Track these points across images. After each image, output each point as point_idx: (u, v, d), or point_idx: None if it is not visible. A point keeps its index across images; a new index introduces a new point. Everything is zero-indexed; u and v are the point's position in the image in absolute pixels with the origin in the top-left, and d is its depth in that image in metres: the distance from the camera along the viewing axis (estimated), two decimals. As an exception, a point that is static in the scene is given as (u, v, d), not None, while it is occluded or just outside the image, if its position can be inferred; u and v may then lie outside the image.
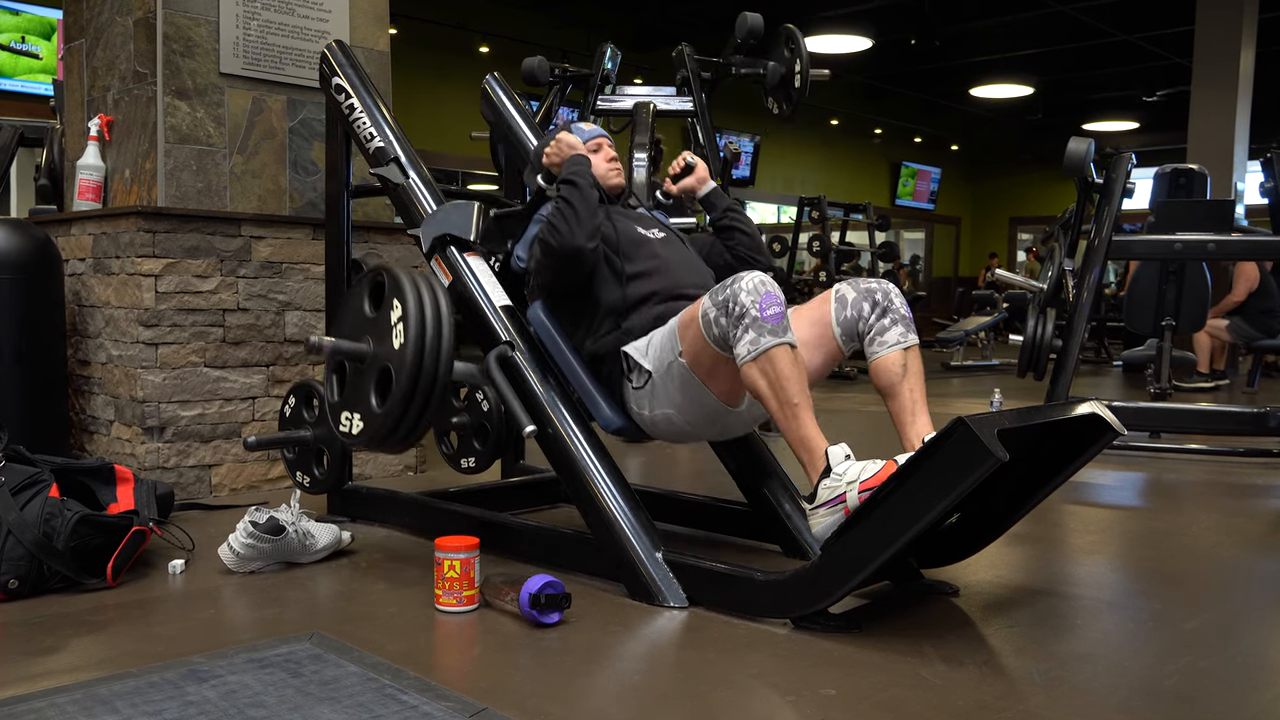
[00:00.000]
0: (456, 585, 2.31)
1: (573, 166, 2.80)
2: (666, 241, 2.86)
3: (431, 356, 2.50)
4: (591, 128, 3.04)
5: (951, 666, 2.01)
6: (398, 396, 2.49)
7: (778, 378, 2.28)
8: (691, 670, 2.00)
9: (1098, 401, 2.37)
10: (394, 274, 2.60)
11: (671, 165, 3.05)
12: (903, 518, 2.04)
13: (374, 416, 2.55)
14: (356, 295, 2.71)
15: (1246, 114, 10.15)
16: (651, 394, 2.61)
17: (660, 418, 2.64)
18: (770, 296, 2.31)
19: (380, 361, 2.56)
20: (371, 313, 2.64)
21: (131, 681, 1.86)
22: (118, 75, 3.61)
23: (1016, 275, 6.92)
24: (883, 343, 2.46)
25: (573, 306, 2.78)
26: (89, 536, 2.44)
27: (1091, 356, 11.19)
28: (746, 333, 2.30)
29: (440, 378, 2.53)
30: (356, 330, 2.66)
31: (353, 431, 2.62)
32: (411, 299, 2.52)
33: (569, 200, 2.69)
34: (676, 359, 2.51)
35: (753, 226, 3.03)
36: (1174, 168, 5.55)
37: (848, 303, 2.53)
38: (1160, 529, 3.42)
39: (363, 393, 2.59)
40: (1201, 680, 1.99)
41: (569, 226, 2.64)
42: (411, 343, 2.48)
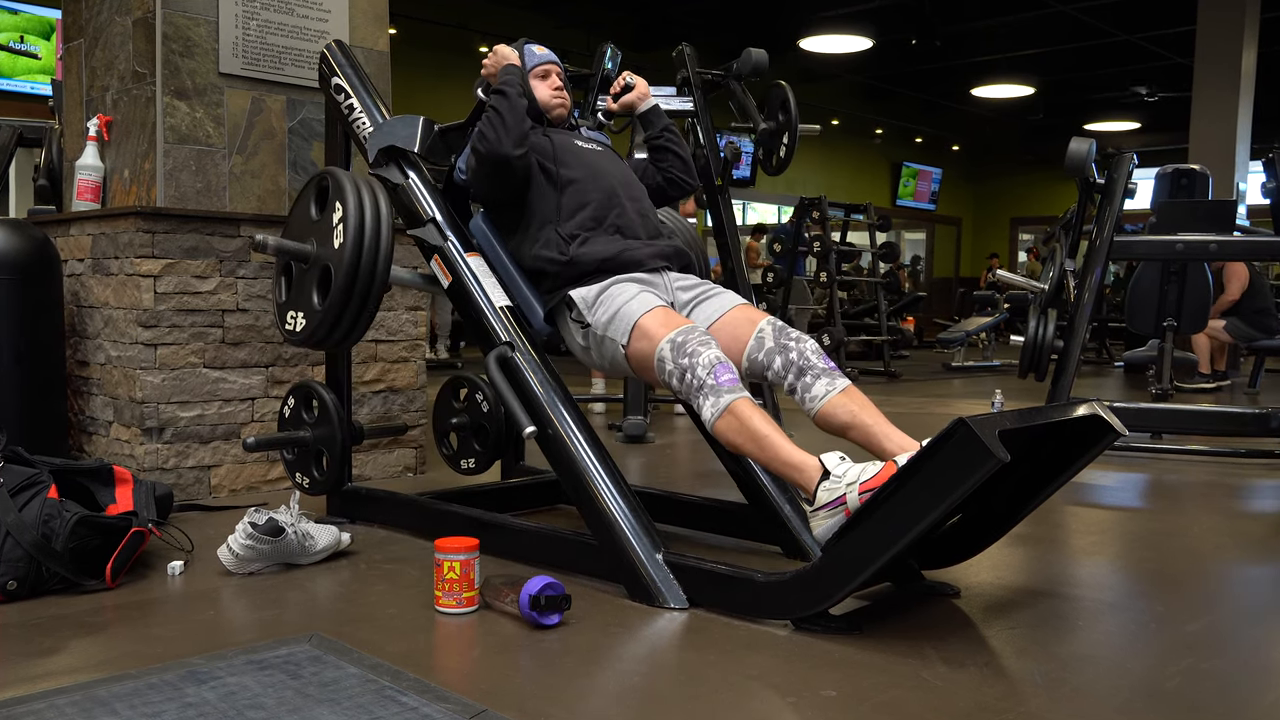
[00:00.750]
0: (456, 586, 2.31)
1: (504, 76, 2.88)
2: (602, 154, 2.98)
3: (370, 255, 2.66)
4: (543, 51, 3.10)
5: (952, 668, 2.01)
6: (336, 293, 2.66)
7: (743, 422, 2.38)
8: (692, 672, 2.00)
9: (1099, 402, 2.37)
10: (337, 176, 2.75)
11: (614, 83, 3.16)
12: (903, 519, 2.04)
13: (314, 313, 2.73)
14: (304, 199, 2.84)
15: (1248, 114, 10.14)
16: (584, 337, 2.74)
17: (581, 352, 2.80)
18: (723, 367, 2.43)
19: (322, 261, 2.71)
20: (317, 215, 2.78)
21: (130, 683, 1.86)
22: (117, 75, 3.61)
23: (1017, 276, 6.92)
24: (814, 397, 2.50)
25: (512, 215, 2.89)
26: (88, 538, 2.44)
27: (1093, 357, 11.18)
28: (707, 399, 2.41)
29: (378, 276, 2.69)
30: (302, 232, 2.81)
31: (296, 329, 2.79)
32: (352, 200, 2.67)
33: (497, 109, 2.78)
34: (620, 347, 2.64)
35: (685, 149, 3.18)
36: (1175, 168, 5.54)
37: (763, 347, 2.61)
38: (1162, 530, 3.42)
39: (306, 291, 2.76)
40: (1203, 682, 1.98)
41: (496, 134, 2.74)
42: (350, 241, 2.64)
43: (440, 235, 2.93)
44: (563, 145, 2.91)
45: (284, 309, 2.83)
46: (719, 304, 2.75)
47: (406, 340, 4.02)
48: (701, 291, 2.81)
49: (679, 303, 2.78)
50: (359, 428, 3.26)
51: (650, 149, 3.12)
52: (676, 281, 2.82)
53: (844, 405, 2.46)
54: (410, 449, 4.04)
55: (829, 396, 2.47)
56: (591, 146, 2.99)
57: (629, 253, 2.77)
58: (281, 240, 2.77)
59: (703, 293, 2.80)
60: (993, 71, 14.68)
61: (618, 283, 2.70)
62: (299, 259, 2.79)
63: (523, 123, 2.79)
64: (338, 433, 3.11)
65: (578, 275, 2.74)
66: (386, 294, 3.67)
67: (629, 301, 2.64)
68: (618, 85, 3.15)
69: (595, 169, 2.89)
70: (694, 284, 2.84)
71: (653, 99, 3.16)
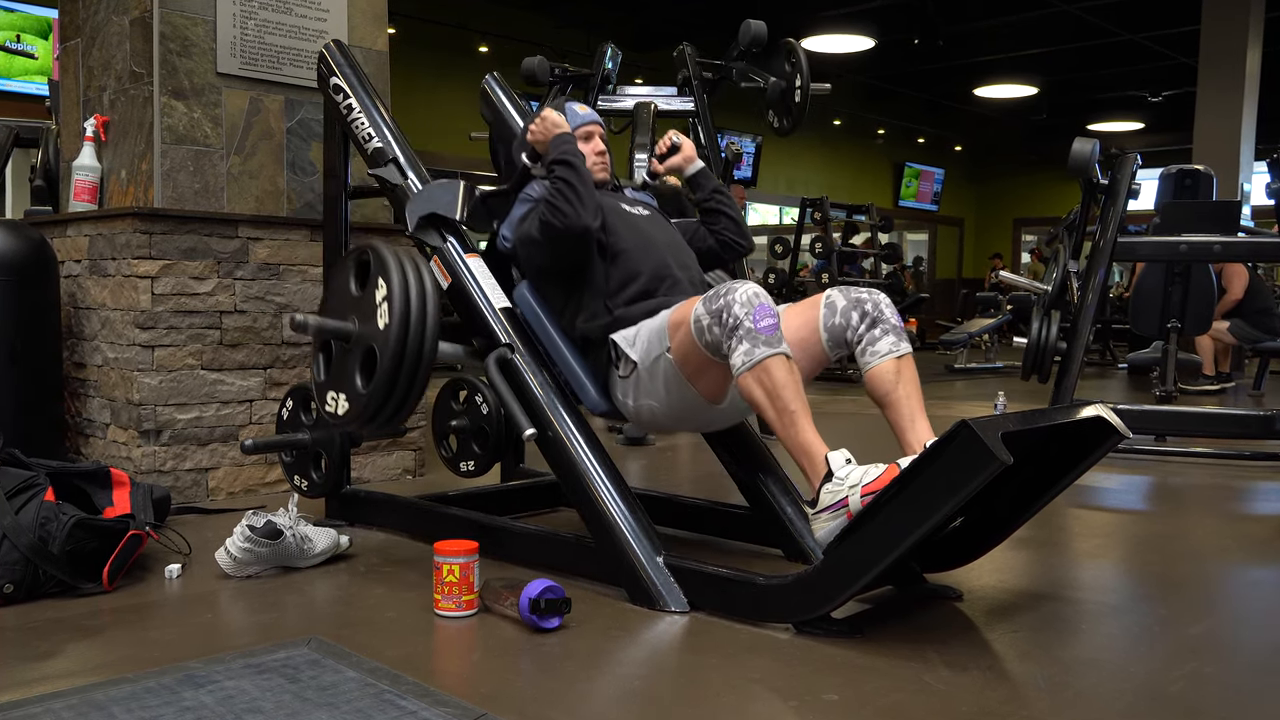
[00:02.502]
0: (456, 590, 2.30)
1: (562, 145, 2.77)
2: (651, 220, 2.89)
3: (416, 336, 2.51)
4: (586, 111, 3.02)
5: (955, 672, 2.00)
6: (382, 377, 2.50)
7: (774, 387, 2.29)
8: (693, 675, 1.99)
9: (1103, 404, 2.36)
10: (379, 252, 2.59)
11: (659, 144, 3.05)
12: (905, 522, 2.03)
13: (359, 397, 2.56)
14: (342, 273, 2.71)
15: (1253, 114, 10.13)
16: (636, 384, 2.62)
17: (644, 408, 2.65)
18: (764, 309, 2.32)
19: (365, 341, 2.57)
20: (357, 291, 2.64)
21: (128, 687, 1.85)
22: (114, 75, 3.60)
23: (1020, 277, 6.90)
24: (875, 353, 2.46)
25: (560, 286, 2.78)
26: (85, 540, 2.43)
27: (1096, 359, 11.16)
28: (741, 344, 2.31)
29: (425, 358, 2.53)
30: (342, 309, 2.66)
31: (338, 412, 2.63)
32: (396, 278, 2.52)
33: (567, 180, 2.67)
34: (664, 354, 2.53)
35: (738, 210, 3.05)
36: (1179, 168, 5.53)
37: (837, 310, 2.53)
38: (1165, 533, 3.41)
39: (348, 372, 2.60)
40: (1207, 686, 1.98)
41: (572, 207, 2.63)
42: (396, 322, 2.49)
43: (439, 236, 2.91)
44: (612, 211, 2.80)
45: (324, 388, 2.68)
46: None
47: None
48: None
49: None
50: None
51: (701, 212, 3.03)
52: None
53: (895, 374, 2.43)
54: (409, 451, 4.02)
55: (889, 356, 2.44)
56: (639, 211, 2.88)
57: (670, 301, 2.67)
58: (323, 320, 2.64)
59: None
60: (996, 71, 14.69)
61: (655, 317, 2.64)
62: (340, 338, 2.64)
63: (594, 193, 2.69)
64: (336, 435, 3.10)
65: (622, 328, 2.67)
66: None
67: (661, 316, 2.59)
68: (663, 145, 3.04)
69: (646, 237, 2.79)
70: None
71: (699, 162, 3.04)
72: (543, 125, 2.86)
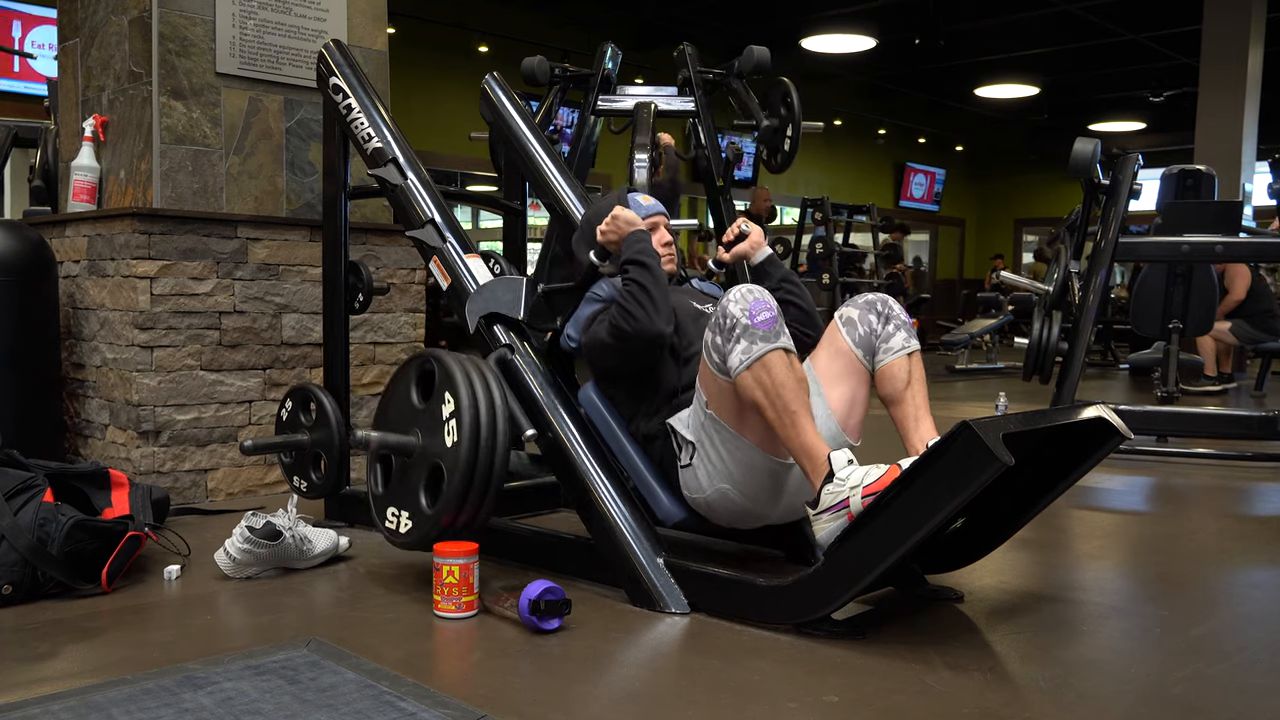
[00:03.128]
0: (455, 591, 2.30)
1: (637, 245, 2.65)
2: None
3: (486, 456, 2.37)
4: (650, 203, 2.90)
5: (956, 673, 2.00)
6: (451, 498, 2.36)
7: (774, 385, 2.24)
8: (693, 677, 1.99)
9: (1104, 405, 2.35)
10: (445, 364, 2.46)
11: (727, 232, 2.90)
12: (907, 523, 2.03)
13: (424, 518, 2.42)
14: (403, 382, 2.58)
15: (1254, 114, 10.11)
16: (700, 467, 2.47)
17: (716, 496, 2.48)
18: (759, 303, 2.28)
19: (430, 459, 2.43)
20: (420, 404, 2.52)
21: (127, 688, 1.85)
22: (113, 75, 3.60)
23: (1021, 278, 6.89)
24: (888, 349, 2.48)
25: (628, 387, 2.67)
26: (84, 542, 2.42)
27: (1098, 359, 11.15)
28: (738, 343, 2.26)
29: (495, 478, 2.39)
30: (403, 421, 2.54)
31: (399, 530, 2.49)
32: (465, 393, 2.39)
33: (642, 284, 2.55)
34: (705, 411, 2.42)
35: (809, 300, 2.88)
36: (1181, 169, 5.52)
37: (855, 321, 2.54)
38: (1167, 534, 3.40)
39: (411, 490, 2.48)
40: (1209, 688, 1.97)
41: (646, 313, 2.51)
42: (466, 442, 2.35)
43: (439, 237, 2.91)
44: (683, 310, 2.68)
45: (382, 503, 2.55)
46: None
47: (405, 342, 4.01)
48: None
49: None
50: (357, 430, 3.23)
51: None
52: None
53: (906, 372, 2.45)
54: (410, 451, 4.01)
55: (902, 353, 2.47)
56: (708, 308, 2.74)
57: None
58: (385, 436, 2.51)
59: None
60: (997, 71, 14.68)
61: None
62: (403, 454, 2.53)
63: (668, 297, 2.58)
64: (336, 436, 3.09)
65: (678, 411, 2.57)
66: (384, 296, 3.68)
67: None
68: (731, 234, 2.89)
69: None
70: None
71: (767, 249, 2.88)
72: (615, 224, 2.72)
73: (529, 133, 3.45)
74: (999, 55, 14.00)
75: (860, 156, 18.38)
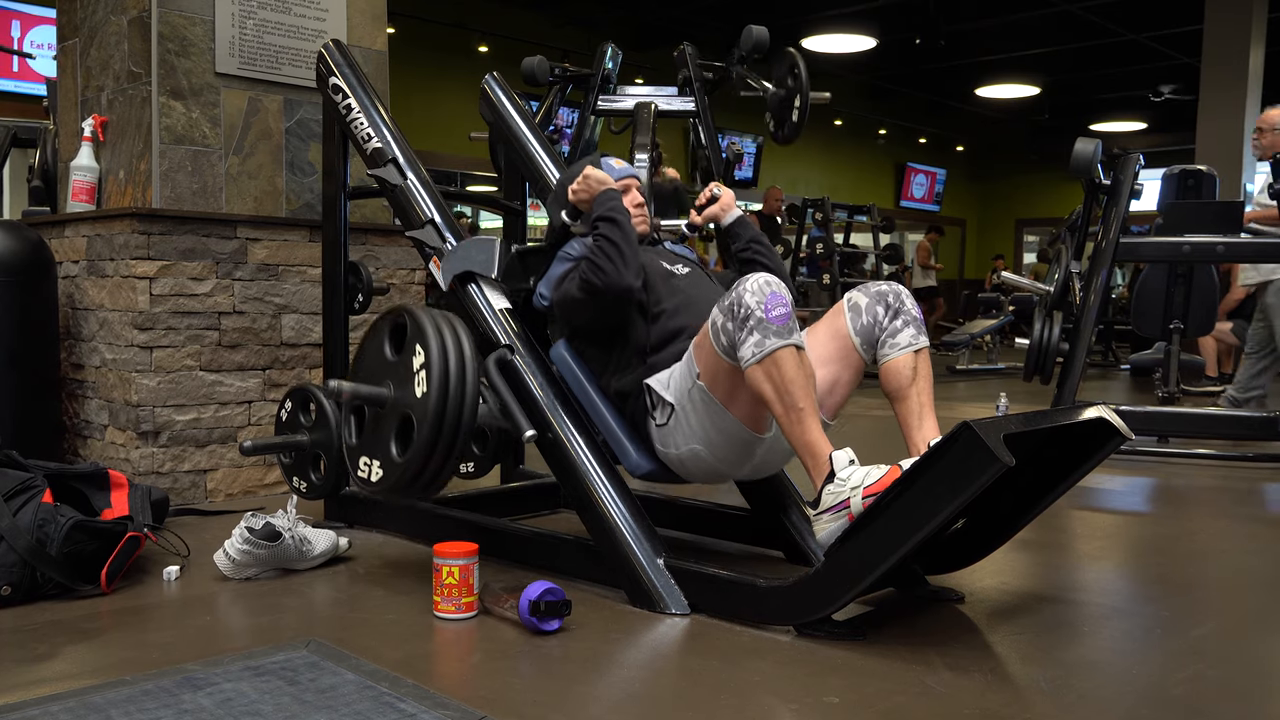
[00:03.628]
0: (455, 592, 2.29)
1: (608, 203, 2.70)
2: (691, 277, 2.80)
3: (455, 406, 2.42)
4: (622, 165, 2.95)
5: (957, 674, 1.99)
6: (420, 447, 2.41)
7: (783, 381, 2.24)
8: (693, 678, 1.98)
9: (1105, 405, 2.35)
10: (416, 317, 2.51)
11: (699, 196, 2.97)
12: (907, 524, 2.02)
13: (394, 466, 2.48)
14: (376, 336, 2.63)
15: (1255, 114, 10.08)
16: (676, 428, 2.53)
17: (688, 454, 2.54)
18: (775, 296, 2.27)
19: (401, 409, 2.49)
20: (392, 356, 2.57)
21: (126, 689, 1.85)
22: (112, 75, 3.59)
23: (1022, 278, 6.89)
24: (894, 344, 2.45)
25: (599, 345, 2.71)
26: (83, 543, 2.42)
27: (1099, 360, 11.14)
28: (751, 335, 2.25)
29: (464, 428, 2.45)
30: (376, 373, 2.59)
31: (371, 479, 2.55)
32: (435, 345, 2.44)
33: (611, 239, 2.61)
34: (695, 382, 2.45)
35: (778, 260, 2.95)
36: (1182, 169, 5.51)
37: (862, 309, 2.51)
38: (1168, 535, 3.40)
39: (382, 440, 2.53)
40: (1210, 689, 1.97)
41: (615, 267, 2.57)
42: (435, 392, 2.40)
43: (439, 237, 2.90)
44: (653, 270, 2.73)
45: (355, 453, 2.62)
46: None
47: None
48: None
49: None
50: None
51: (740, 262, 2.94)
52: None
53: (911, 369, 2.42)
54: (410, 452, 4.00)
55: (908, 349, 2.43)
56: (680, 269, 2.81)
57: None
58: (356, 386, 2.56)
59: None
60: (997, 71, 14.67)
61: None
62: (375, 405, 2.58)
63: (638, 252, 2.65)
64: (335, 436, 3.09)
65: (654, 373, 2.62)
66: (384, 296, 3.67)
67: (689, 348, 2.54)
68: (703, 196, 2.96)
69: (687, 297, 2.70)
70: None
71: (737, 210, 2.96)
72: (586, 183, 2.79)
73: (529, 133, 3.45)
74: (1000, 55, 13.99)
75: (860, 156, 18.37)
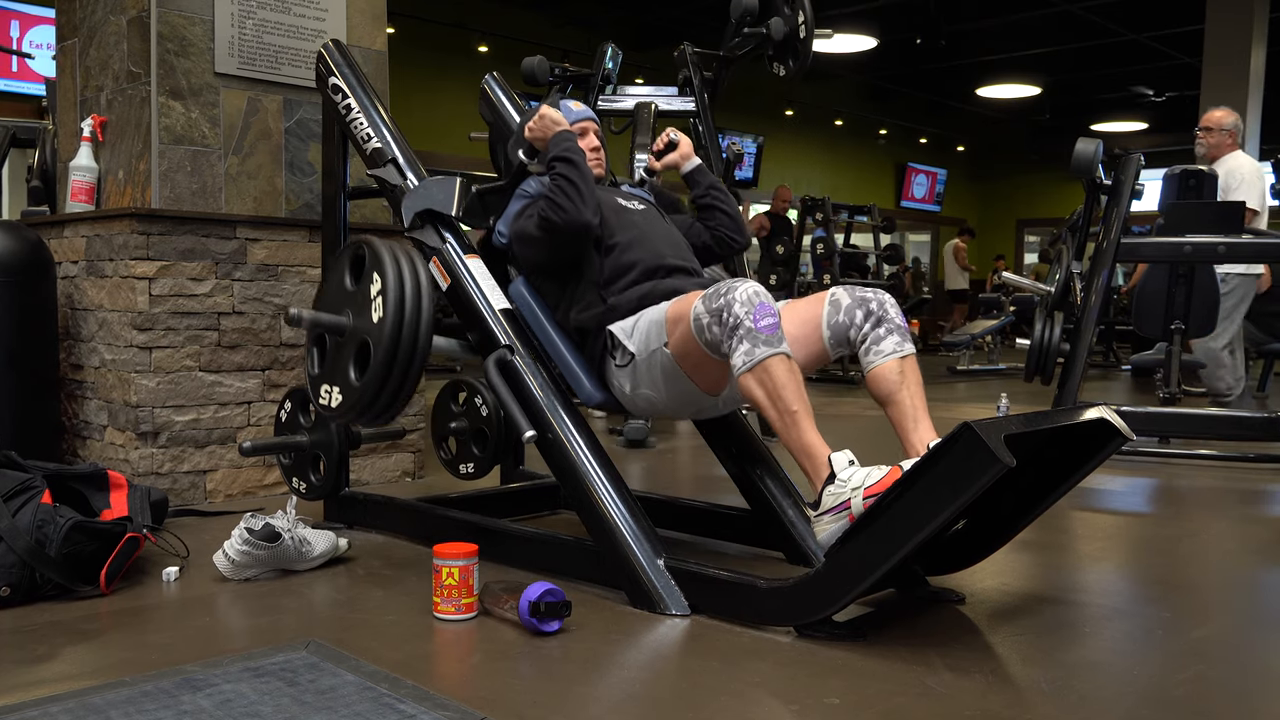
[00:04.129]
0: (455, 593, 2.29)
1: (563, 143, 2.79)
2: (646, 214, 2.90)
3: (410, 330, 2.55)
4: (580, 108, 3.05)
5: (957, 675, 1.99)
6: (376, 370, 2.54)
7: (775, 387, 2.28)
8: (694, 679, 1.98)
9: (1106, 406, 2.34)
10: (374, 247, 2.63)
11: (655, 141, 3.07)
12: (908, 524, 2.02)
13: (352, 390, 2.61)
14: (337, 267, 2.75)
15: (1257, 115, 10.10)
16: (634, 374, 2.64)
17: (640, 397, 2.67)
18: (764, 307, 2.31)
19: (359, 335, 2.61)
20: (351, 286, 2.69)
21: (125, 690, 1.84)
22: (111, 75, 3.59)
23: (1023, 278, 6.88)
24: (879, 352, 2.46)
25: (555, 281, 2.82)
26: (82, 543, 2.42)
27: (1100, 360, 11.14)
28: (741, 343, 2.30)
29: (419, 352, 2.58)
30: (336, 303, 2.71)
31: (331, 404, 2.68)
32: (391, 272, 2.56)
33: (568, 177, 2.70)
34: (662, 348, 2.54)
35: (734, 206, 3.08)
36: (1183, 169, 5.49)
37: (841, 308, 2.52)
38: (1169, 535, 3.40)
39: (342, 366, 2.65)
40: (1211, 690, 1.97)
41: (573, 203, 2.66)
42: (390, 316, 2.53)
43: (439, 237, 2.90)
44: (608, 205, 2.82)
45: (317, 381, 2.73)
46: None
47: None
48: None
49: None
50: (356, 432, 3.24)
51: (698, 208, 3.06)
52: None
53: (898, 373, 2.43)
54: (408, 453, 4.01)
55: (893, 356, 2.44)
56: (634, 206, 2.91)
57: (664, 285, 2.71)
58: (316, 314, 2.67)
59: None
60: (998, 71, 14.67)
61: (653, 308, 2.64)
62: (335, 332, 2.69)
63: (594, 189, 2.73)
64: (335, 437, 3.09)
65: (618, 317, 2.69)
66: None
67: (660, 308, 2.60)
68: (660, 143, 3.07)
69: (640, 231, 2.81)
70: None
71: (696, 160, 3.07)
72: (541, 123, 2.87)
73: (529, 133, 3.44)
74: (1000, 55, 14.00)
75: (861, 157, 18.38)
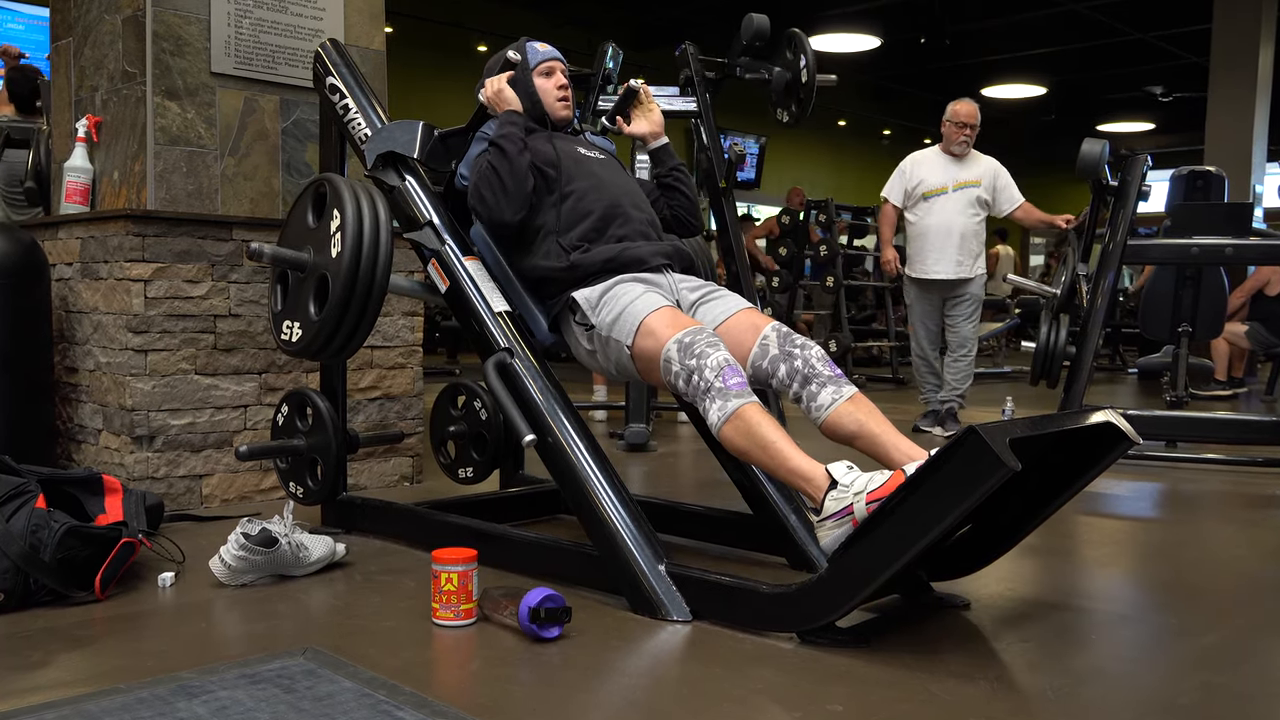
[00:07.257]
0: (454, 598, 2.28)
1: (505, 126, 2.81)
2: (606, 164, 2.95)
3: (369, 265, 2.60)
4: (546, 48, 3.06)
5: (962, 682, 1.98)
6: (333, 304, 2.59)
7: (750, 428, 2.34)
8: (695, 686, 1.97)
9: (1112, 410, 2.33)
10: (334, 183, 2.69)
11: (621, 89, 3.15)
12: (912, 529, 2.00)
13: (311, 324, 2.67)
14: (300, 205, 2.81)
15: (1265, 115, 10.09)
16: (590, 339, 2.72)
17: (586, 356, 2.78)
18: (731, 369, 2.40)
19: (319, 270, 2.66)
20: (313, 223, 2.73)
21: (120, 698, 1.84)
22: (106, 75, 3.57)
23: (1028, 280, 6.86)
24: (819, 406, 2.48)
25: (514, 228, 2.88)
26: (77, 549, 2.41)
27: (1106, 363, 11.13)
28: (714, 402, 2.38)
29: (376, 286, 2.62)
30: (298, 240, 2.76)
31: (291, 340, 2.74)
32: (350, 208, 2.61)
33: (497, 170, 2.74)
34: (625, 346, 2.61)
35: (694, 191, 3.17)
36: (1191, 170, 5.49)
37: (767, 355, 2.58)
38: (1176, 540, 3.39)
39: (302, 301, 2.70)
40: (1218, 697, 1.96)
41: (496, 199, 2.73)
42: (348, 251, 2.58)
43: (438, 239, 2.88)
44: (566, 154, 2.86)
45: (279, 318, 2.78)
46: (724, 307, 2.72)
47: (403, 346, 3.98)
48: (707, 293, 2.79)
49: (684, 302, 2.76)
50: (354, 436, 3.23)
51: (661, 187, 3.12)
52: (681, 281, 2.81)
53: (850, 414, 2.44)
54: (407, 457, 3.99)
55: (835, 405, 2.45)
56: (595, 155, 2.95)
57: (631, 250, 2.75)
58: (277, 249, 2.72)
59: (708, 294, 2.79)
60: (1003, 71, 14.68)
61: (621, 282, 2.68)
62: (295, 268, 2.73)
63: (524, 184, 2.76)
64: (332, 441, 3.07)
65: (581, 278, 2.72)
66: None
67: (634, 301, 2.62)
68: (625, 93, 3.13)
69: (599, 179, 2.86)
70: (698, 284, 2.82)
71: (665, 138, 3.14)
72: (492, 93, 2.91)
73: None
74: (1005, 55, 14.01)
75: (865, 157, 18.38)
